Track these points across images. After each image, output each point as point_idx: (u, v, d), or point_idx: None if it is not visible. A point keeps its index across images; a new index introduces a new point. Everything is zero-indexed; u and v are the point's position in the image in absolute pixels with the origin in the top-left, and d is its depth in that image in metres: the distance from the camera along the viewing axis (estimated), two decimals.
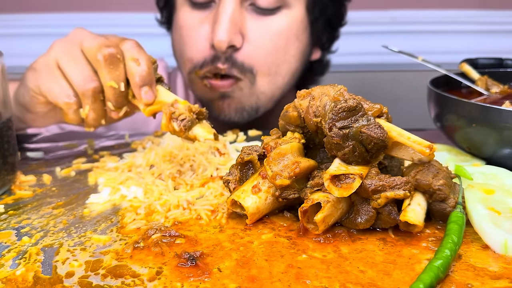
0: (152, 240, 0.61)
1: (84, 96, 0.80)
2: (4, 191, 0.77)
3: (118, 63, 0.79)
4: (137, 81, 0.78)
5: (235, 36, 1.05)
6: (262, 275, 0.54)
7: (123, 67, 0.79)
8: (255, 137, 1.05)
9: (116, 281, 0.53)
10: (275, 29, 1.09)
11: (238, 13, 1.06)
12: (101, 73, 0.79)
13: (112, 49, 0.78)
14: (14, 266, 0.56)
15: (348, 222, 0.63)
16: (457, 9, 1.88)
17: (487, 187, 0.68)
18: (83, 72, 0.79)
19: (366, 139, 0.60)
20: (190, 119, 0.76)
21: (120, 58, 0.79)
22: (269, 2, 1.07)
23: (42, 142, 1.04)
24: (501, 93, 0.94)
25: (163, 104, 0.80)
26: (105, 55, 0.78)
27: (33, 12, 1.87)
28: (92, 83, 0.79)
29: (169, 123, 0.77)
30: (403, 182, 0.61)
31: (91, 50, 0.79)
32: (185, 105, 0.78)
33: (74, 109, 0.82)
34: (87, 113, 0.81)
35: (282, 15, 1.10)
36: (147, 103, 0.79)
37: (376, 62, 1.89)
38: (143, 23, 1.85)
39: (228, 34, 1.04)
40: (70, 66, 0.80)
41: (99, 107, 0.82)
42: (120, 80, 0.79)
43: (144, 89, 0.79)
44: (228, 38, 1.04)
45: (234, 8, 1.05)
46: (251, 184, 0.66)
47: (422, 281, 0.49)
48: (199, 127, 0.77)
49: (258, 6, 1.07)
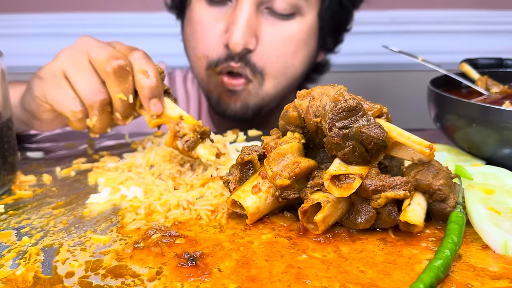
0: (152, 240, 0.61)
1: (92, 108, 0.80)
2: (4, 191, 0.77)
3: (127, 75, 0.79)
4: (146, 93, 0.79)
5: (250, 39, 1.09)
6: (262, 275, 0.54)
7: (132, 79, 0.80)
8: (255, 137, 1.05)
9: (116, 281, 0.53)
10: (287, 34, 1.13)
11: (254, 16, 1.09)
12: (110, 85, 0.79)
13: (121, 61, 0.78)
14: (14, 266, 0.56)
15: (348, 222, 0.63)
16: (457, 9, 1.88)
17: (487, 187, 0.68)
18: (91, 83, 0.79)
19: (366, 139, 0.60)
20: (193, 140, 0.79)
21: (129, 70, 0.79)
22: (284, 7, 1.10)
23: (42, 142, 1.04)
24: (501, 93, 0.94)
25: (168, 117, 0.81)
26: (114, 67, 0.77)
27: (33, 12, 1.87)
28: (100, 95, 0.79)
29: (173, 140, 0.80)
30: (403, 182, 0.61)
31: (99, 62, 0.79)
32: (189, 124, 0.80)
33: (80, 118, 0.82)
34: (94, 123, 0.82)
35: (296, 21, 1.13)
36: (155, 114, 0.81)
37: (376, 62, 1.89)
38: (143, 23, 1.85)
39: (243, 37, 1.07)
40: (77, 76, 0.79)
41: (106, 117, 0.82)
42: (129, 92, 0.80)
43: (153, 101, 0.80)
44: (243, 41, 1.07)
45: (250, 11, 1.07)
46: (251, 184, 0.66)
47: (422, 281, 0.49)
48: (202, 147, 0.80)
49: (273, 10, 1.10)
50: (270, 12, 1.11)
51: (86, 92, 0.79)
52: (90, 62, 0.80)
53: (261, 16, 1.11)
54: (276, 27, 1.12)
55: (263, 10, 1.11)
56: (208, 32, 1.13)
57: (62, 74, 0.80)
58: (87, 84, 0.79)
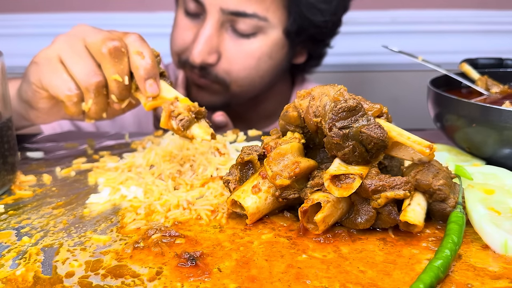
0: (152, 240, 0.61)
1: (88, 90, 0.80)
2: (4, 191, 0.77)
3: (123, 56, 0.80)
4: (142, 74, 0.79)
5: (209, 56, 1.19)
6: (262, 275, 0.54)
7: (127, 60, 0.80)
8: (255, 137, 1.05)
9: (116, 281, 0.53)
10: (249, 50, 1.21)
11: (217, 34, 1.19)
12: (105, 66, 0.80)
13: (116, 42, 0.79)
14: (14, 266, 0.56)
15: (348, 222, 0.63)
16: (457, 9, 1.88)
17: (487, 187, 0.68)
18: (87, 66, 0.80)
19: (366, 139, 0.60)
20: (188, 119, 0.77)
21: (124, 51, 0.80)
22: (246, 28, 1.18)
23: (42, 142, 1.04)
24: (501, 93, 0.94)
25: (164, 100, 0.81)
26: (109, 48, 0.78)
27: (33, 12, 1.87)
28: (95, 77, 0.80)
29: (168, 121, 0.79)
30: (403, 182, 0.61)
31: (95, 44, 0.79)
32: (184, 104, 0.79)
33: (75, 102, 0.82)
34: (90, 106, 0.82)
35: (257, 39, 1.21)
36: (151, 95, 0.80)
37: (376, 62, 1.89)
38: (143, 23, 1.85)
39: (201, 54, 1.18)
40: (73, 60, 0.80)
41: (102, 101, 0.82)
42: (124, 73, 0.80)
43: (149, 82, 0.80)
44: (200, 58, 1.18)
45: (212, 32, 1.18)
46: (251, 184, 0.66)
47: (422, 281, 0.49)
48: (197, 127, 0.78)
49: (236, 30, 1.19)
50: (233, 30, 1.19)
51: (82, 75, 0.79)
52: (86, 47, 0.81)
53: (225, 33, 1.20)
54: (238, 44, 1.20)
55: (227, 28, 1.20)
56: (180, 37, 1.24)
57: (58, 58, 0.81)
58: (82, 67, 0.80)
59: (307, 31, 1.25)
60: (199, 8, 1.19)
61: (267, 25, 1.19)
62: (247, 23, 1.17)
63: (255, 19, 1.17)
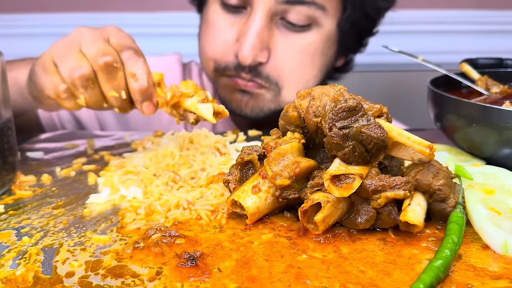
0: (152, 240, 0.61)
1: (75, 86, 0.79)
2: (4, 191, 0.77)
3: (116, 72, 0.79)
4: (137, 97, 0.80)
5: (260, 52, 1.06)
6: (262, 275, 0.54)
7: (122, 74, 0.80)
8: (255, 137, 1.05)
9: (116, 281, 0.53)
10: (302, 46, 1.09)
11: (267, 28, 1.05)
12: (100, 82, 0.80)
13: (108, 57, 0.78)
14: (14, 266, 0.56)
15: (348, 222, 0.63)
16: (457, 9, 1.88)
17: (487, 187, 0.68)
18: (71, 62, 0.79)
19: (366, 139, 0.60)
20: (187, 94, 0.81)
21: (118, 66, 0.79)
22: (299, 19, 1.06)
23: (42, 142, 1.04)
24: (501, 93, 0.94)
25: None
26: (100, 65, 0.78)
27: (33, 12, 1.87)
28: (78, 71, 0.78)
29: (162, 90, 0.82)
30: (403, 182, 0.61)
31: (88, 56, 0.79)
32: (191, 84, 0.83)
33: (65, 98, 0.81)
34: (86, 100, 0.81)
35: (311, 32, 1.09)
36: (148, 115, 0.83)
37: (376, 62, 1.89)
38: (143, 23, 1.85)
39: (253, 51, 1.04)
40: (62, 60, 0.80)
41: (94, 94, 0.81)
42: (120, 88, 0.80)
43: (145, 104, 0.81)
44: (252, 55, 1.04)
45: (262, 24, 1.04)
46: (251, 184, 0.66)
47: (422, 281, 0.49)
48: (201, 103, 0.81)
49: (288, 22, 1.07)
50: (285, 23, 1.07)
51: (66, 72, 0.79)
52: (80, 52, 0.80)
53: (275, 28, 1.07)
54: (290, 39, 1.08)
55: (277, 21, 1.07)
56: (219, 37, 1.11)
57: (51, 61, 0.81)
58: (67, 63, 0.79)
59: (359, 25, 1.16)
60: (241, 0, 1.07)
61: (322, 15, 1.07)
62: (301, 13, 1.05)
63: (313, 7, 1.05)
